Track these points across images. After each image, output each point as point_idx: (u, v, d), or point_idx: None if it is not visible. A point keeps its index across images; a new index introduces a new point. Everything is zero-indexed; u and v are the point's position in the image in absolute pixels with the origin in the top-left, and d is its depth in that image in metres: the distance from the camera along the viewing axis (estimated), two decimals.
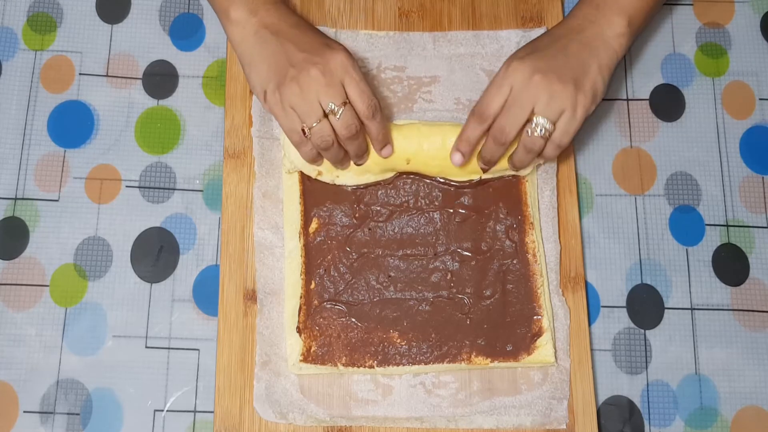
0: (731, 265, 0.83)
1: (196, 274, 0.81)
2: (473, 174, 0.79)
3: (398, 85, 0.85)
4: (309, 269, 0.78)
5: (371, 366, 0.76)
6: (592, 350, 0.80)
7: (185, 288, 0.80)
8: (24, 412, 0.76)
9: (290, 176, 0.80)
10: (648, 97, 0.88)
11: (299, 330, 0.77)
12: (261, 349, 0.77)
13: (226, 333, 0.78)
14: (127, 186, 0.82)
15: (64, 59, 0.85)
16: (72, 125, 0.84)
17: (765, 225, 0.85)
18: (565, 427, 0.77)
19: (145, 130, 0.84)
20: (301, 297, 0.78)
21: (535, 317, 0.78)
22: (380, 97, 0.83)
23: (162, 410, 0.77)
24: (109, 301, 0.79)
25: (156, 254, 0.81)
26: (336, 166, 0.77)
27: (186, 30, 0.87)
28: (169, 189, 0.83)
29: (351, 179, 0.79)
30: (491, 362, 0.77)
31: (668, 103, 0.88)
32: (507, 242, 0.80)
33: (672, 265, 0.83)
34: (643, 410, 0.79)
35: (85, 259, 0.80)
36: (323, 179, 0.79)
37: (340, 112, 0.70)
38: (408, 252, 0.80)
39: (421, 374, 0.77)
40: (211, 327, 0.79)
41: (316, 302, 0.78)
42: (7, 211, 0.81)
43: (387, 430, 0.76)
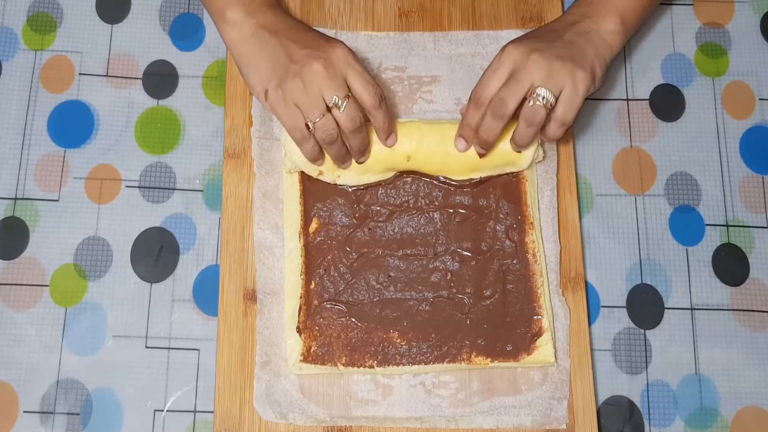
0: (731, 265, 0.83)
1: (196, 274, 0.81)
2: (473, 172, 0.79)
3: (398, 85, 0.85)
4: (309, 269, 0.78)
5: (371, 366, 0.76)
6: (592, 350, 0.80)
7: (185, 288, 0.80)
8: (24, 412, 0.76)
9: (290, 176, 0.81)
10: (648, 97, 0.88)
11: (299, 330, 0.77)
12: (261, 349, 0.77)
13: (226, 333, 0.78)
14: (127, 186, 0.82)
15: (64, 59, 0.85)
16: (72, 125, 0.84)
17: (765, 225, 0.85)
18: (565, 427, 0.77)
19: (145, 130, 0.84)
20: (301, 297, 0.78)
21: (535, 317, 0.78)
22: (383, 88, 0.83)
23: (162, 410, 0.77)
24: (109, 301, 0.79)
25: (156, 254, 0.81)
26: (337, 164, 0.77)
27: (186, 30, 0.87)
28: (169, 189, 0.83)
29: (352, 179, 0.79)
30: (491, 362, 0.77)
31: (668, 103, 0.88)
32: (507, 242, 0.80)
33: (672, 265, 0.83)
34: (643, 410, 0.79)
35: (85, 259, 0.80)
36: (324, 179, 0.79)
37: (344, 105, 0.70)
38: (408, 252, 0.80)
39: (421, 374, 0.77)
40: (211, 327, 0.79)
41: (316, 302, 0.78)
42: (7, 211, 0.81)
43: (387, 430, 0.76)
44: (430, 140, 0.77)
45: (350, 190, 0.80)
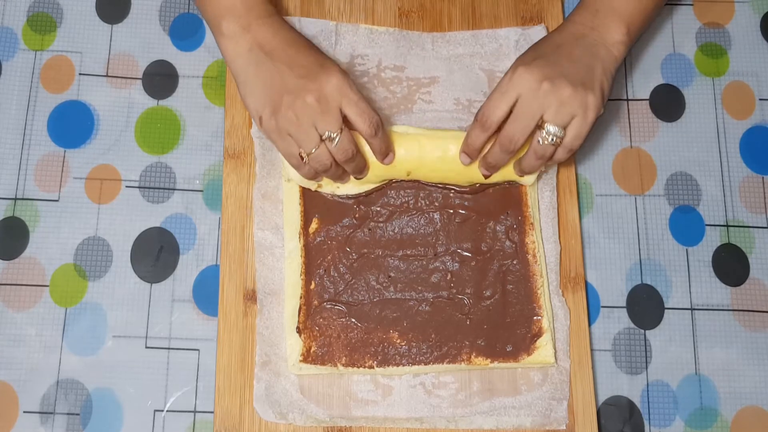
0: (731, 265, 0.83)
1: (196, 274, 0.81)
2: (474, 181, 0.79)
3: (397, 86, 0.85)
4: (309, 269, 0.78)
5: (371, 366, 0.76)
6: (592, 350, 0.80)
7: (185, 288, 0.80)
8: (24, 412, 0.76)
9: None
10: (648, 97, 0.88)
11: (299, 330, 0.77)
12: (261, 350, 0.77)
13: (226, 333, 0.78)
14: (127, 186, 0.82)
15: (64, 59, 0.85)
16: (72, 125, 0.84)
17: (765, 225, 0.85)
18: (565, 428, 0.77)
19: (145, 130, 0.84)
20: (301, 297, 0.78)
21: (535, 318, 0.78)
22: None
23: (162, 410, 0.77)
24: (109, 301, 0.79)
25: (156, 254, 0.81)
26: (335, 182, 0.78)
27: (186, 30, 0.87)
28: (169, 189, 0.83)
29: (351, 189, 0.79)
30: (491, 363, 0.77)
31: (668, 103, 0.88)
32: (507, 243, 0.80)
33: (672, 265, 0.83)
34: (643, 410, 0.79)
35: (85, 259, 0.80)
36: (323, 191, 0.79)
37: (337, 140, 0.70)
38: (408, 252, 0.80)
39: (421, 375, 0.77)
40: (211, 327, 0.79)
41: (316, 302, 0.78)
42: (7, 211, 0.81)
43: (387, 431, 0.76)
44: (432, 157, 0.76)
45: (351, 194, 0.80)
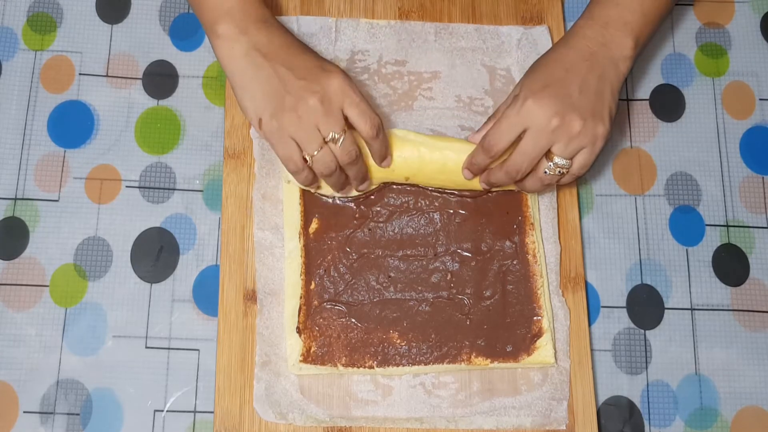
0: (731, 265, 0.83)
1: (196, 274, 0.81)
2: (472, 189, 0.79)
3: (398, 81, 0.85)
4: (309, 269, 0.78)
5: (371, 366, 0.76)
6: (592, 350, 0.80)
7: (185, 288, 0.80)
8: (24, 413, 0.76)
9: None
10: (648, 97, 0.88)
11: (299, 330, 0.77)
12: (261, 350, 0.77)
13: (226, 333, 0.78)
14: (127, 186, 0.82)
15: (64, 59, 0.85)
16: (72, 125, 0.84)
17: (765, 225, 0.85)
18: (565, 428, 0.77)
19: (145, 130, 0.84)
20: (301, 297, 0.78)
21: (535, 318, 0.78)
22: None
23: (162, 410, 0.77)
24: (109, 301, 0.79)
25: (156, 254, 0.81)
26: (336, 191, 0.78)
27: (186, 30, 0.87)
28: (169, 189, 0.83)
29: (350, 191, 0.79)
30: (491, 363, 0.77)
31: (668, 103, 0.88)
32: (507, 243, 0.80)
33: (672, 265, 0.83)
34: (643, 410, 0.79)
35: (85, 259, 0.80)
36: (323, 193, 0.79)
37: (341, 140, 0.70)
38: (408, 252, 0.80)
39: (421, 375, 0.77)
40: (211, 327, 0.79)
41: (316, 302, 0.78)
42: (7, 211, 0.81)
43: (387, 431, 0.76)
44: (431, 167, 0.76)
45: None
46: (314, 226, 0.79)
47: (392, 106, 0.84)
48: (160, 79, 0.85)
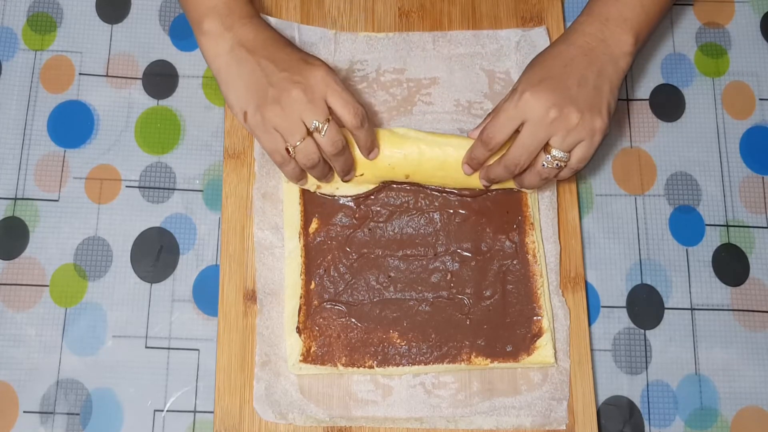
0: (731, 265, 0.83)
1: (196, 274, 0.81)
2: (473, 187, 0.79)
3: (397, 88, 0.85)
4: (309, 269, 0.78)
5: (371, 366, 0.76)
6: (592, 350, 0.80)
7: (185, 288, 0.80)
8: (24, 412, 0.76)
9: None
10: (648, 97, 0.88)
11: (299, 330, 0.77)
12: (261, 349, 0.77)
13: (226, 333, 0.78)
14: (127, 186, 0.82)
15: (64, 59, 0.85)
16: (72, 125, 0.84)
17: (765, 225, 0.85)
18: (565, 428, 0.77)
19: (145, 130, 0.84)
20: (301, 297, 0.78)
21: (535, 318, 0.78)
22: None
23: (162, 410, 0.77)
24: (109, 301, 0.79)
25: (156, 254, 0.81)
26: (321, 181, 0.77)
27: (186, 30, 0.87)
28: (169, 189, 0.83)
29: (351, 190, 0.79)
30: (491, 363, 0.77)
31: (668, 103, 0.88)
32: (507, 243, 0.80)
33: (672, 265, 0.83)
34: (643, 410, 0.79)
35: (85, 259, 0.80)
36: (323, 192, 0.79)
37: (325, 129, 0.70)
38: (408, 252, 0.80)
39: (421, 375, 0.77)
40: (211, 327, 0.79)
41: (316, 302, 0.78)
42: (7, 211, 0.81)
43: (387, 431, 0.76)
44: (431, 163, 0.76)
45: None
46: (314, 226, 0.79)
47: (391, 112, 0.84)
48: (160, 79, 0.85)
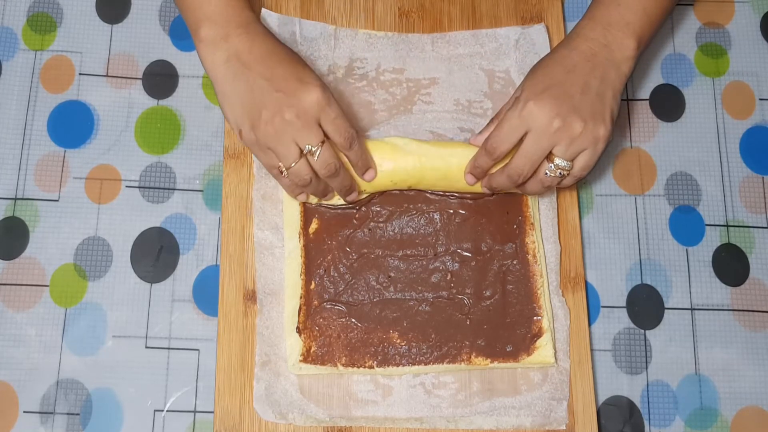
0: (731, 265, 0.83)
1: (196, 274, 0.81)
2: (475, 192, 0.79)
3: (397, 88, 0.85)
4: (309, 269, 0.78)
5: (371, 366, 0.76)
6: (592, 350, 0.80)
7: (185, 288, 0.80)
8: (24, 412, 0.76)
9: None
10: (648, 97, 0.88)
11: (299, 330, 0.77)
12: (261, 350, 0.77)
13: (226, 333, 0.78)
14: (127, 186, 0.82)
15: (64, 59, 0.85)
16: (72, 125, 0.84)
17: (765, 225, 0.85)
18: (565, 428, 0.77)
19: (145, 130, 0.84)
20: (301, 297, 0.78)
21: (535, 318, 0.78)
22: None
23: (162, 410, 0.77)
24: (109, 301, 0.79)
25: (156, 254, 0.81)
26: (319, 198, 0.78)
27: (186, 30, 0.86)
28: (169, 189, 0.83)
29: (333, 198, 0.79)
30: (491, 363, 0.77)
31: (668, 103, 0.88)
32: (507, 243, 0.80)
33: (672, 265, 0.83)
34: (643, 410, 0.79)
35: (85, 259, 0.80)
36: (326, 202, 0.79)
37: (318, 152, 0.70)
38: (408, 252, 0.80)
39: (421, 375, 0.77)
40: (211, 327, 0.79)
41: (316, 302, 0.78)
42: (7, 211, 0.81)
43: (387, 431, 0.76)
44: (433, 175, 0.77)
45: None
46: (314, 226, 0.79)
47: (391, 111, 0.84)
48: (160, 79, 0.85)
